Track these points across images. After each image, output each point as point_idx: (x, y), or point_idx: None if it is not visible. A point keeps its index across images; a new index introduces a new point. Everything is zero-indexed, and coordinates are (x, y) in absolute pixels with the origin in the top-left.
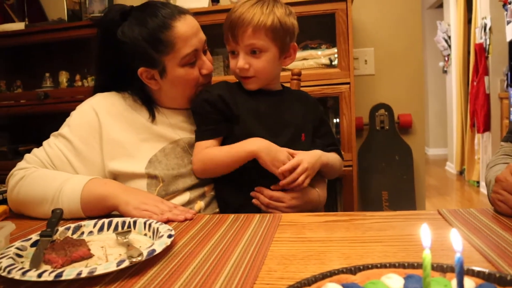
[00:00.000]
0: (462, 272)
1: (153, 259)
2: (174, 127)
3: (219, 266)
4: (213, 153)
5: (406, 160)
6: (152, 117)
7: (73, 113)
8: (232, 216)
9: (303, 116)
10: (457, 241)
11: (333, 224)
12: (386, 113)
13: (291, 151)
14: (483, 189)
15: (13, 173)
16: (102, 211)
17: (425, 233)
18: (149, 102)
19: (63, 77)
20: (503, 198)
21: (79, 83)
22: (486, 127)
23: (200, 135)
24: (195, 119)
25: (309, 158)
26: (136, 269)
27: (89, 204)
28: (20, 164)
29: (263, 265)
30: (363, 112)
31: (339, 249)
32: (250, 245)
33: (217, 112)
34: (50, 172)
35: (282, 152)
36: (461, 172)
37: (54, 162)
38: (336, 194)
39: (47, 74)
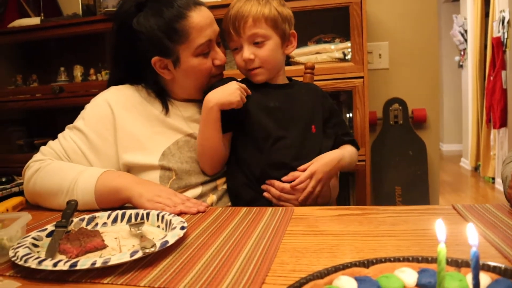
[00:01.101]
0: (477, 266)
1: (166, 251)
2: (188, 120)
3: (232, 258)
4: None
5: (420, 155)
6: (166, 109)
7: (87, 106)
8: (244, 209)
9: (312, 108)
10: (473, 235)
11: (345, 218)
12: (400, 107)
13: (304, 165)
14: (499, 186)
15: (29, 165)
16: (116, 203)
17: (440, 227)
18: (163, 95)
19: (78, 71)
20: None
21: (93, 77)
22: (503, 123)
23: None
24: None
25: (323, 167)
26: (149, 260)
27: (103, 196)
28: (36, 156)
29: (275, 257)
30: (377, 106)
31: (352, 243)
32: (262, 238)
33: None
34: (65, 164)
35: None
36: (476, 168)
37: (69, 155)
38: (349, 189)
39: (62, 69)
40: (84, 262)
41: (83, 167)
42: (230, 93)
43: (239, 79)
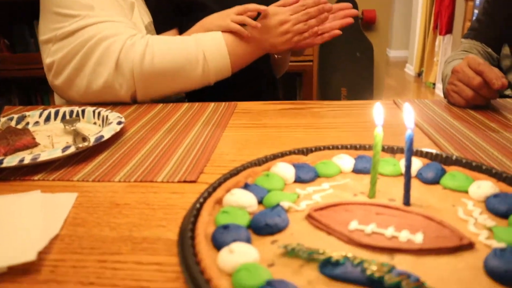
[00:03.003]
0: (411, 149)
1: (102, 146)
2: None
3: (170, 150)
4: None
5: (367, 58)
6: None
7: None
8: (186, 105)
9: None
10: (409, 117)
11: (289, 111)
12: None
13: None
14: (439, 91)
15: (126, 43)
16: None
17: (377, 111)
18: None
19: None
20: (457, 89)
21: None
22: (449, 29)
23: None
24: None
25: None
26: (84, 156)
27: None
28: (121, 34)
29: (215, 148)
30: None
31: (294, 134)
32: (203, 131)
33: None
34: (168, 37)
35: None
36: (419, 74)
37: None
38: (296, 89)
39: None
40: (11, 159)
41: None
42: None
43: None
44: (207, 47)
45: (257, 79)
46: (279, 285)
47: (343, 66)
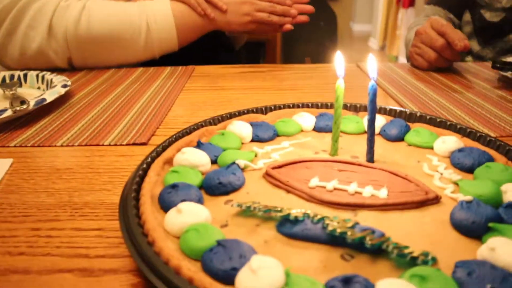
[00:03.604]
0: (374, 100)
1: (45, 110)
2: None
3: (121, 114)
4: None
5: (331, 28)
6: None
7: None
8: (140, 69)
9: None
10: (372, 67)
11: (249, 74)
12: None
13: None
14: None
15: (60, 4)
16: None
17: (339, 62)
18: None
19: None
20: (420, 51)
21: None
22: (411, 2)
23: None
24: None
25: None
26: (25, 121)
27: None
28: None
29: (169, 111)
30: None
31: (253, 96)
32: (157, 94)
33: None
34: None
35: None
36: (382, 48)
37: None
38: (259, 60)
39: None
40: None
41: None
42: None
43: None
44: (152, 17)
45: (216, 48)
46: (231, 245)
47: (307, 36)
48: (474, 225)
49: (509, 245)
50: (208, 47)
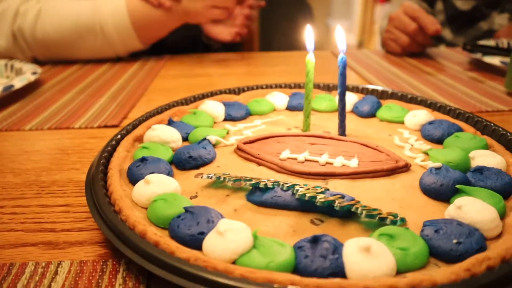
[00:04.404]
0: (344, 73)
1: (13, 97)
2: None
3: (93, 99)
4: None
5: (307, 20)
6: None
7: None
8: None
9: None
10: (340, 38)
11: (224, 61)
12: None
13: None
14: None
15: (19, 11)
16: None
17: (308, 35)
18: None
19: None
20: (394, 36)
21: None
22: None
23: None
24: None
25: None
26: None
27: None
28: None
29: (142, 96)
30: None
31: (228, 81)
32: (130, 80)
33: None
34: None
35: None
36: (361, 43)
37: None
38: None
39: None
40: None
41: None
42: None
43: None
44: (106, 17)
45: (193, 43)
46: (199, 211)
47: (284, 29)
48: (443, 188)
49: (475, 202)
50: (184, 46)
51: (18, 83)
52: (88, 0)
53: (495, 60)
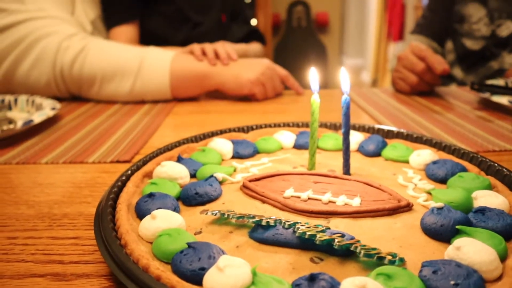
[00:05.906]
0: (348, 114)
1: (32, 131)
2: None
3: (107, 134)
4: None
5: (321, 59)
6: None
7: None
8: None
9: None
10: (344, 80)
11: (235, 99)
12: (304, 10)
13: None
14: None
15: (62, 45)
16: (199, 89)
17: (313, 76)
18: None
19: None
20: (402, 75)
21: None
22: (401, 35)
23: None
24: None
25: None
26: (12, 141)
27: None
28: (55, 35)
29: (155, 132)
30: (281, 9)
31: (238, 118)
32: (144, 116)
33: None
34: (114, 43)
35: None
36: (375, 81)
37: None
38: None
39: None
40: None
41: (141, 48)
42: None
43: None
44: (148, 60)
45: None
46: (201, 246)
47: (299, 68)
48: (443, 228)
49: (475, 243)
50: None
51: (38, 118)
52: (134, 48)
53: (503, 100)
